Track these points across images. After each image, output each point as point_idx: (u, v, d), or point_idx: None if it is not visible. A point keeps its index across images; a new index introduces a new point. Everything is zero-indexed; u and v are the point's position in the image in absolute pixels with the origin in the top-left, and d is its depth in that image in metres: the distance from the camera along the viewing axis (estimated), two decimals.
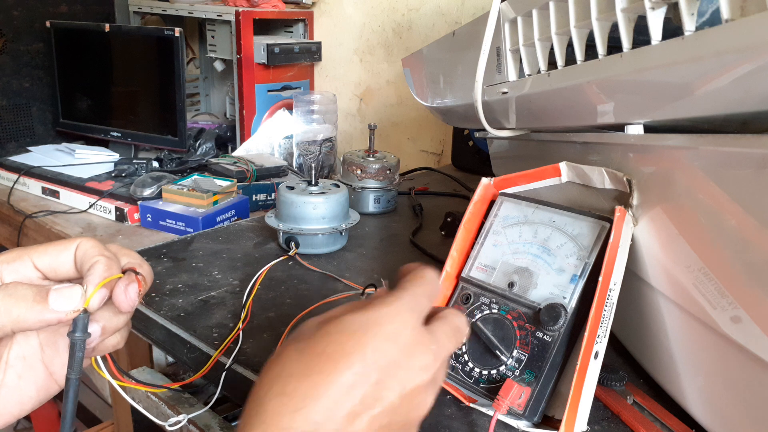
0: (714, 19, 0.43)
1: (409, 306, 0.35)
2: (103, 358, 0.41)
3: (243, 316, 0.64)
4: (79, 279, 0.37)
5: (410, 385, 0.33)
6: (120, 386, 0.42)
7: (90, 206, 1.32)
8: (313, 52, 1.69)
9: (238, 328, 0.61)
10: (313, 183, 0.83)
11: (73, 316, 0.35)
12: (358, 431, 0.31)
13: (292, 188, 0.82)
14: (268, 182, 1.33)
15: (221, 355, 0.58)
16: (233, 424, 0.65)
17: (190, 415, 0.56)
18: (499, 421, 0.46)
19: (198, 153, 1.58)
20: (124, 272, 0.38)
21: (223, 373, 0.56)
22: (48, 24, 1.66)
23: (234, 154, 1.54)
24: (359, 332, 0.33)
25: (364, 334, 0.33)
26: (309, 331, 0.34)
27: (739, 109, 0.38)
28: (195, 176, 1.26)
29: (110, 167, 1.49)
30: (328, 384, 0.31)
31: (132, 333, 0.68)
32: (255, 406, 0.32)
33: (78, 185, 1.37)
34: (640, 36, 0.42)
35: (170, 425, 0.54)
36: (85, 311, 0.35)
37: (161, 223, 1.18)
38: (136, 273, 0.38)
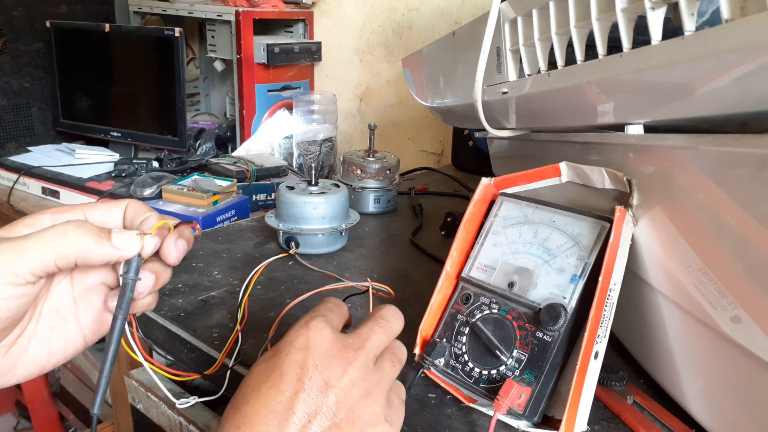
0: (714, 19, 0.43)
1: (317, 322, 0.38)
2: (133, 340, 0.43)
3: (240, 316, 0.64)
4: None
5: (342, 382, 0.37)
6: (150, 368, 0.45)
7: None
8: (313, 52, 1.69)
9: (237, 330, 0.61)
10: (313, 183, 0.83)
11: (132, 254, 0.38)
12: None
13: (292, 188, 0.82)
14: (268, 182, 1.33)
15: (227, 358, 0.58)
16: None
17: (201, 399, 0.57)
18: (499, 421, 0.46)
19: (198, 153, 1.58)
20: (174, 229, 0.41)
21: (228, 373, 0.56)
22: (48, 24, 1.66)
23: (234, 154, 1.54)
24: (274, 357, 0.37)
25: (277, 357, 0.37)
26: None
27: (739, 109, 0.38)
28: (195, 176, 1.26)
29: (110, 167, 1.49)
30: (258, 410, 0.35)
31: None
32: None
33: (78, 185, 1.37)
34: (640, 36, 0.42)
35: (180, 404, 0.55)
36: (139, 255, 0.38)
37: None
38: (191, 223, 0.42)
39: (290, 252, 0.80)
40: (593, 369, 0.46)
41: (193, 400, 0.54)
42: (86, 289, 0.42)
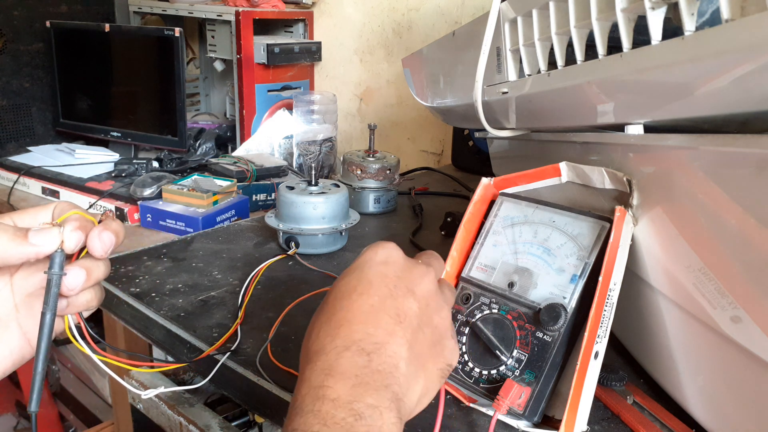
0: (714, 19, 0.43)
1: (388, 244, 0.42)
2: (79, 331, 0.42)
3: (240, 314, 0.64)
4: None
5: (419, 291, 0.40)
6: (100, 360, 0.44)
7: (90, 206, 1.32)
8: (313, 52, 1.69)
9: (236, 324, 0.61)
10: (313, 183, 0.83)
11: (50, 250, 0.38)
12: (399, 338, 0.37)
13: (292, 188, 0.82)
14: (268, 182, 1.33)
15: (220, 354, 0.58)
16: (233, 424, 0.65)
17: (166, 390, 0.56)
18: (499, 421, 0.46)
19: (198, 153, 1.58)
20: (99, 223, 0.41)
21: (216, 367, 0.55)
22: (48, 24, 1.66)
23: (234, 154, 1.54)
24: (357, 270, 0.40)
25: (361, 270, 0.40)
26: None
27: (739, 109, 0.38)
28: (195, 176, 1.26)
29: (110, 167, 1.49)
30: (353, 312, 0.37)
31: (132, 333, 0.68)
32: (303, 362, 0.37)
33: (78, 185, 1.37)
34: (640, 36, 0.42)
35: (145, 395, 0.54)
36: (62, 251, 0.38)
37: (161, 223, 1.18)
38: (105, 214, 0.42)
39: (290, 252, 0.80)
40: (593, 369, 0.46)
41: (155, 391, 0.53)
42: (27, 295, 0.42)
